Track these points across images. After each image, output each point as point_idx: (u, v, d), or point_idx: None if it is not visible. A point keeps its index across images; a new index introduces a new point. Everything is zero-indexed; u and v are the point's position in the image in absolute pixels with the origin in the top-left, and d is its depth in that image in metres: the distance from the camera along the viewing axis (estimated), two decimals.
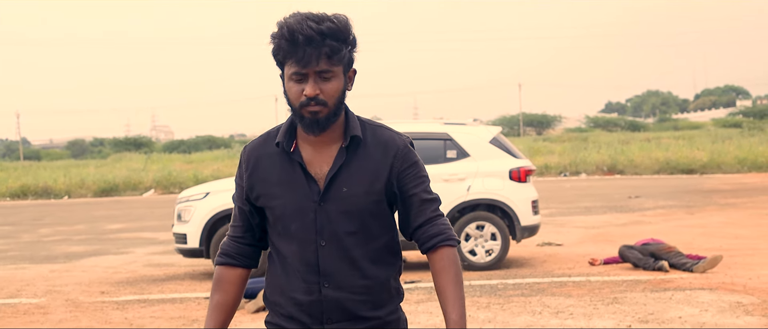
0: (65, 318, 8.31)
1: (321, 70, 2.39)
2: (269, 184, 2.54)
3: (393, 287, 2.59)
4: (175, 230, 10.80)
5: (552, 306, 7.92)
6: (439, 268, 2.50)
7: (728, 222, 15.29)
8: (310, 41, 2.35)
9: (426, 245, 2.53)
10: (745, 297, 7.98)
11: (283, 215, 2.52)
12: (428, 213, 2.54)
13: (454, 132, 10.78)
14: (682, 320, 7.09)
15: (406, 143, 2.57)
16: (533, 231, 10.86)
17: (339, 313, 2.51)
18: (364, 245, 2.52)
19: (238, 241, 2.65)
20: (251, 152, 2.61)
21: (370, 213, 2.51)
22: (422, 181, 2.56)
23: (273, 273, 2.59)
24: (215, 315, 2.61)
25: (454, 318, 2.43)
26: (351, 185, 2.49)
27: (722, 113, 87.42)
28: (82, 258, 13.60)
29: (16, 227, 20.71)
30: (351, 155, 2.51)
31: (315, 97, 2.40)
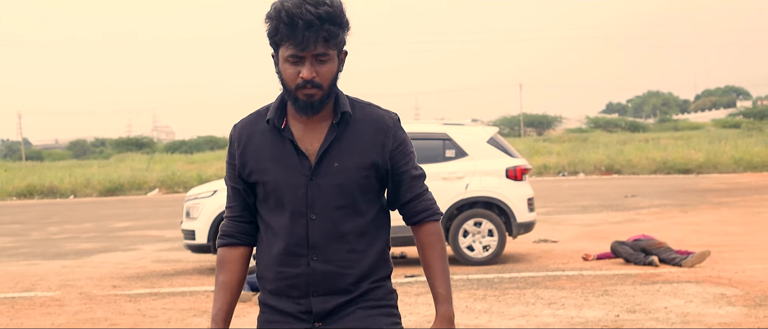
0: (81, 310, 8.67)
1: (318, 53, 2.45)
2: (261, 160, 2.59)
3: (380, 259, 2.64)
4: (183, 227, 11.16)
5: (545, 297, 8.29)
6: (426, 243, 2.62)
7: (720, 220, 15.64)
8: (309, 25, 2.39)
9: (413, 219, 2.64)
10: (729, 290, 8.35)
11: (275, 190, 2.57)
12: (416, 189, 2.65)
13: (452, 132, 11.14)
14: (667, 310, 7.45)
15: (395, 120, 2.64)
16: (529, 228, 11.22)
17: (325, 285, 2.56)
18: (353, 219, 2.57)
19: (236, 220, 2.69)
20: (242, 129, 2.65)
21: (360, 188, 2.57)
22: (411, 158, 2.65)
23: (262, 250, 2.64)
24: (222, 294, 2.66)
25: (442, 292, 2.57)
26: (342, 160, 2.55)
27: (722, 114, 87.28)
28: (91, 254, 13.97)
29: (24, 225, 21.08)
30: (341, 131, 2.57)
31: (311, 79, 2.46)
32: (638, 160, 34.17)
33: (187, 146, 65.28)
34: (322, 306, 2.56)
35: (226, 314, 2.65)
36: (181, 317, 8.07)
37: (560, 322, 7.13)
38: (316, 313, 2.56)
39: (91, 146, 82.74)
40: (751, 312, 7.26)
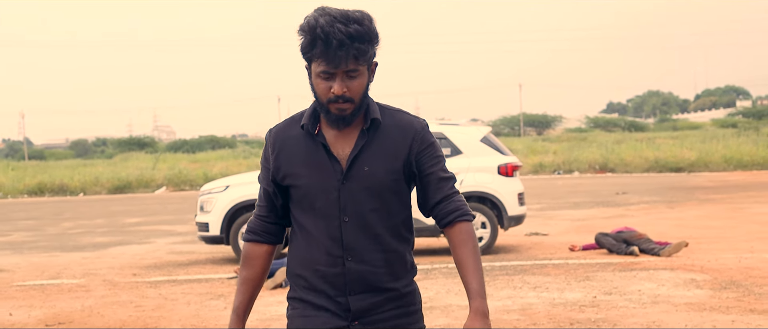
0: (106, 294, 9.40)
1: (348, 70, 2.53)
2: (295, 164, 2.67)
3: (408, 260, 2.73)
4: (198, 220, 11.88)
5: (531, 282, 9.03)
6: (457, 242, 2.65)
7: (704, 215, 16.36)
8: (341, 45, 2.46)
9: (444, 221, 2.68)
10: (700, 275, 9.08)
11: (308, 193, 2.65)
12: (445, 190, 2.69)
13: (448, 131, 11.87)
14: (640, 292, 8.19)
15: (423, 125, 2.71)
16: (519, 221, 11.95)
17: (361, 285, 2.64)
18: (384, 221, 2.65)
19: (263, 220, 2.80)
20: (277, 134, 2.73)
21: (390, 191, 2.66)
22: (439, 161, 2.71)
23: (297, 248, 2.72)
24: (244, 288, 2.79)
25: (475, 287, 2.58)
26: (372, 165, 2.63)
27: (722, 114, 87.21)
28: (108, 247, 14.69)
29: (39, 221, 21.79)
30: (371, 136, 2.64)
31: (342, 94, 2.54)
32: (632, 159, 34.90)
33: (189, 146, 65.51)
34: (359, 304, 2.65)
35: (247, 306, 2.80)
36: (200, 300, 8.79)
37: (542, 303, 7.87)
38: (353, 311, 2.65)
39: (92, 145, 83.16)
40: (715, 294, 7.99)
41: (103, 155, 67.72)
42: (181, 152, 60.98)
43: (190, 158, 49.57)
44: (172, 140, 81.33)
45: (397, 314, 2.69)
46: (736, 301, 7.61)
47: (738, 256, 10.45)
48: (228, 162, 42.85)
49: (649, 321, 6.85)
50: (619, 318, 7.05)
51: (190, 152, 60.16)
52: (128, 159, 52.71)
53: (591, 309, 7.49)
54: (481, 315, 2.54)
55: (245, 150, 53.51)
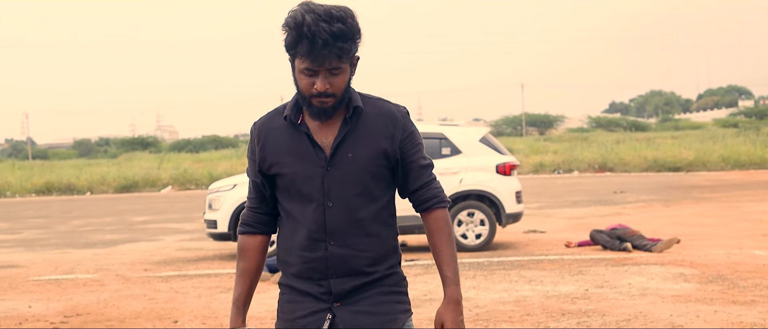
0: (120, 288, 9.77)
1: (331, 67, 2.59)
2: (280, 154, 2.73)
3: (391, 245, 2.79)
4: (206, 217, 12.25)
5: (527, 276, 9.39)
6: (434, 228, 2.77)
7: (698, 213, 16.71)
8: (326, 44, 2.52)
9: (422, 206, 2.79)
10: (688, 270, 9.45)
11: (294, 181, 2.71)
12: (424, 178, 2.79)
13: (448, 132, 12.24)
14: (630, 285, 8.56)
15: (404, 113, 2.78)
16: (517, 218, 12.31)
17: (343, 268, 2.70)
18: (367, 206, 2.71)
19: (255, 211, 2.86)
20: (261, 126, 2.80)
21: (372, 176, 2.72)
22: (419, 148, 2.79)
23: (284, 236, 2.80)
24: (242, 280, 2.85)
25: (449, 275, 2.73)
26: (355, 151, 2.69)
27: (724, 114, 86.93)
28: (118, 244, 15.07)
29: (49, 219, 22.18)
30: (354, 124, 2.71)
31: (324, 91, 2.61)
32: (631, 158, 35.25)
33: (192, 146, 65.72)
34: (341, 287, 2.71)
35: (246, 298, 2.86)
36: (210, 293, 9.17)
37: (536, 295, 8.24)
38: (335, 294, 2.71)
39: (95, 145, 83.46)
40: (702, 287, 8.36)
41: (106, 154, 67.96)
42: (185, 151, 61.18)
43: (194, 158, 49.84)
44: (176, 140, 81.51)
45: (378, 294, 2.74)
46: (721, 293, 7.98)
47: (727, 252, 10.81)
48: (231, 161, 43.18)
49: (636, 312, 7.21)
50: (608, 309, 7.42)
51: (193, 151, 60.34)
52: (132, 159, 53.04)
53: (582, 300, 7.86)
54: (454, 302, 2.71)
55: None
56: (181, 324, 7.57)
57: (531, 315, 7.27)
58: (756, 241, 11.95)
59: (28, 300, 9.11)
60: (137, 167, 42.74)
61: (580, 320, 7.01)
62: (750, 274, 9.01)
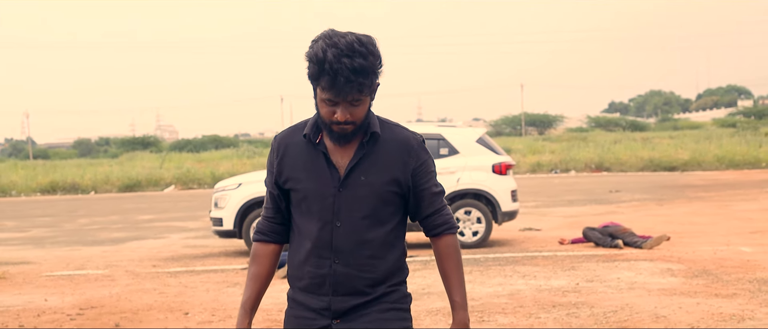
0: (130, 283, 10.15)
1: (352, 99, 2.65)
2: (296, 169, 2.81)
3: (396, 266, 2.85)
4: (212, 215, 12.62)
5: (521, 271, 9.78)
6: (444, 254, 2.86)
7: (690, 212, 17.08)
8: (347, 81, 2.58)
9: (433, 232, 2.87)
10: (675, 265, 9.84)
11: (306, 197, 2.79)
12: (436, 205, 2.87)
13: (445, 133, 12.62)
14: (619, 279, 8.94)
15: (419, 141, 2.84)
16: (513, 216, 12.69)
17: (345, 287, 2.77)
18: (374, 229, 2.78)
19: (270, 221, 2.94)
20: (282, 140, 2.87)
21: (383, 201, 2.78)
22: (432, 176, 2.87)
23: (294, 249, 2.88)
24: (252, 284, 2.92)
25: (458, 300, 2.82)
26: (369, 175, 2.76)
27: (724, 113, 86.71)
28: (125, 241, 15.45)
29: (55, 218, 22.54)
30: (370, 148, 2.77)
31: (345, 120, 2.68)
32: (627, 158, 35.63)
33: (192, 145, 65.52)
34: (341, 304, 2.78)
35: (254, 302, 2.93)
36: (218, 288, 9.55)
37: (529, 289, 8.62)
38: (334, 311, 2.78)
39: (95, 145, 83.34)
40: (687, 281, 8.74)
41: (106, 154, 67.84)
42: (185, 151, 61.22)
43: (195, 158, 49.88)
44: (176, 140, 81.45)
45: (377, 311, 2.80)
46: (705, 287, 8.36)
47: (714, 249, 11.19)
48: (232, 161, 43.47)
49: (623, 304, 7.60)
50: (596, 301, 7.80)
51: (193, 151, 60.28)
52: (134, 158, 53.17)
53: (573, 293, 8.24)
54: (463, 325, 2.82)
55: (249, 150, 53.79)
56: (192, 316, 7.95)
57: (523, 307, 7.66)
58: (743, 238, 12.32)
59: (43, 294, 9.49)
60: (139, 166, 42.99)
61: (570, 311, 7.39)
62: (734, 269, 9.39)
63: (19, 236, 17.66)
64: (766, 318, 6.89)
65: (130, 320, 7.87)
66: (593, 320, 7.04)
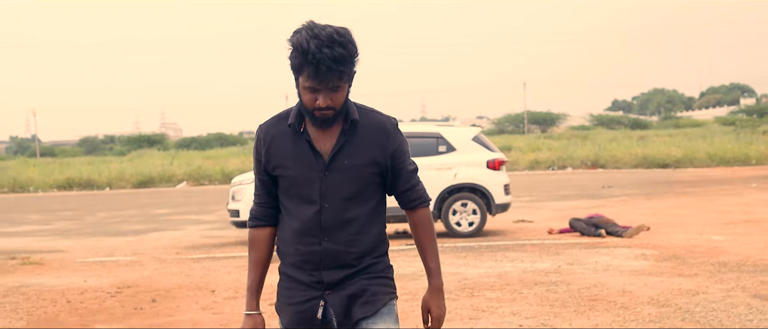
0: (158, 268, 11.16)
1: (332, 86, 2.84)
2: (283, 157, 2.98)
3: (378, 239, 3.07)
4: (229, 207, 13.63)
5: (510, 256, 10.78)
6: (418, 224, 3.11)
7: (675, 206, 18.05)
8: (329, 69, 2.77)
9: (408, 206, 3.11)
10: (649, 251, 10.83)
11: (294, 183, 2.98)
12: (411, 181, 3.10)
13: (444, 132, 13.63)
14: (596, 263, 9.94)
15: (394, 125, 3.05)
16: (505, 208, 13.69)
17: (334, 261, 2.98)
18: (358, 208, 2.98)
19: (263, 206, 3.11)
20: (267, 130, 3.05)
21: (365, 182, 2.99)
22: (407, 156, 3.08)
23: (283, 229, 3.06)
24: (254, 268, 3.12)
25: (433, 267, 3.10)
26: (351, 159, 2.96)
27: (726, 112, 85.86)
28: (146, 233, 16.47)
29: (76, 212, 23.57)
30: (350, 134, 2.96)
31: (326, 106, 2.87)
32: (622, 155, 36.62)
33: (198, 143, 66.02)
34: (331, 277, 2.99)
35: (259, 284, 3.12)
36: (238, 271, 10.54)
37: (516, 270, 9.63)
38: (326, 283, 2.99)
39: (100, 142, 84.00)
40: (656, 264, 9.74)
41: (111, 152, 68.32)
42: (190, 149, 61.70)
43: (203, 155, 50.50)
44: (182, 138, 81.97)
45: (364, 279, 3.02)
46: (671, 269, 9.36)
47: (688, 237, 12.18)
48: (240, 158, 44.32)
49: (596, 282, 8.59)
50: (573, 280, 8.80)
51: (199, 149, 60.82)
52: (143, 156, 53.94)
53: (554, 274, 9.24)
54: (437, 290, 3.09)
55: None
56: (218, 293, 8.95)
57: (509, 285, 8.66)
58: (718, 229, 13.29)
59: (82, 277, 10.50)
60: (149, 164, 43.92)
61: (549, 288, 8.39)
62: (701, 255, 10.37)
63: (45, 228, 18.68)
64: (718, 292, 7.87)
65: (163, 297, 8.88)
66: (568, 294, 8.04)
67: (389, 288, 3.06)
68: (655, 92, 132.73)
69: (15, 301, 8.86)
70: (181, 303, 8.50)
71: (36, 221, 20.57)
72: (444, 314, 3.11)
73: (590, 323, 6.79)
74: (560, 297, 7.96)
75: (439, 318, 3.09)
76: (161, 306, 8.38)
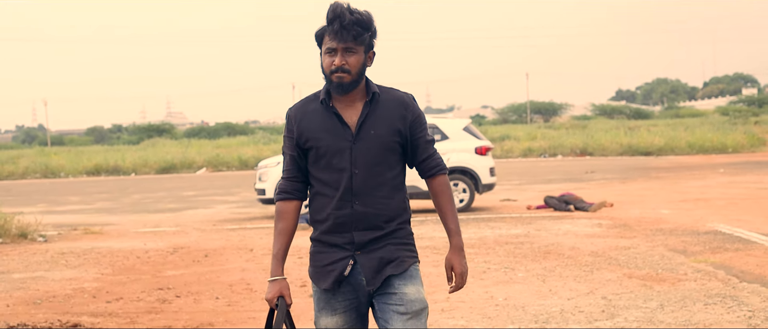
0: (200, 236, 13.27)
1: (347, 46, 3.12)
2: (314, 130, 3.22)
3: (402, 206, 3.28)
4: (256, 187, 15.76)
5: (491, 225, 12.91)
6: (438, 190, 3.32)
7: (643, 188, 20.10)
8: (347, 26, 3.11)
9: (428, 173, 3.32)
10: (605, 221, 12.94)
11: (327, 152, 3.20)
12: (429, 151, 3.32)
13: (438, 123, 15.74)
14: (559, 229, 12.06)
15: (412, 99, 3.29)
16: (491, 188, 15.80)
17: (364, 223, 3.20)
18: (384, 173, 3.21)
19: (291, 180, 3.32)
20: (297, 110, 3.31)
21: (389, 149, 3.21)
22: (425, 127, 3.30)
23: (316, 199, 3.28)
24: (280, 238, 3.32)
25: (453, 227, 3.32)
26: (376, 128, 3.19)
27: (728, 101, 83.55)
28: (181, 210, 18.56)
29: (111, 194, 25.69)
30: (373, 107, 3.22)
31: (341, 66, 3.11)
32: (609, 144, 38.68)
33: (206, 132, 66.57)
34: (362, 238, 3.20)
35: (284, 253, 3.31)
36: (269, 236, 12.63)
37: (493, 234, 11.76)
38: (356, 243, 3.20)
39: (108, 132, 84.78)
40: (606, 230, 11.85)
41: (119, 141, 68.93)
42: (199, 138, 61.79)
43: (214, 144, 51.35)
44: (191, 127, 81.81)
45: (390, 244, 3.23)
46: (616, 233, 11.47)
47: (642, 212, 14.27)
48: (257, 147, 45.54)
49: (553, 242, 10.72)
50: (536, 241, 10.93)
51: (207, 138, 61.24)
52: (156, 145, 54.85)
53: (523, 237, 11.37)
54: (458, 248, 3.32)
55: (264, 136, 55.44)
56: (255, 251, 11.08)
57: (485, 244, 10.78)
58: (671, 205, 15.36)
59: (140, 241, 12.63)
60: (165, 152, 45.49)
61: (515, 246, 10.53)
62: (646, 223, 12.48)
63: (88, 207, 20.78)
64: (644, 248, 9.98)
65: (213, 253, 11.01)
66: (529, 250, 10.17)
67: (413, 253, 3.30)
68: (659, 82, 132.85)
69: (95, 257, 11.00)
70: (228, 257, 10.64)
71: (78, 202, 22.67)
72: (467, 270, 3.35)
73: (540, 267, 8.91)
74: (523, 251, 10.09)
75: (462, 274, 3.33)
76: (213, 259, 10.52)
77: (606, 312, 6.65)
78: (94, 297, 8.20)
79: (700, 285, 7.59)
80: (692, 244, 10.17)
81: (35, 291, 8.61)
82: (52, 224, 15.43)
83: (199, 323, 6.95)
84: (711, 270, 8.33)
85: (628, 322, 6.27)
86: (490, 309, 6.94)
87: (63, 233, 13.97)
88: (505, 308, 6.96)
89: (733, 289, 7.37)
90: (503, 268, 8.99)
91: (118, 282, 9.08)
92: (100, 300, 8.04)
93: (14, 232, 13.02)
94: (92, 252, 11.48)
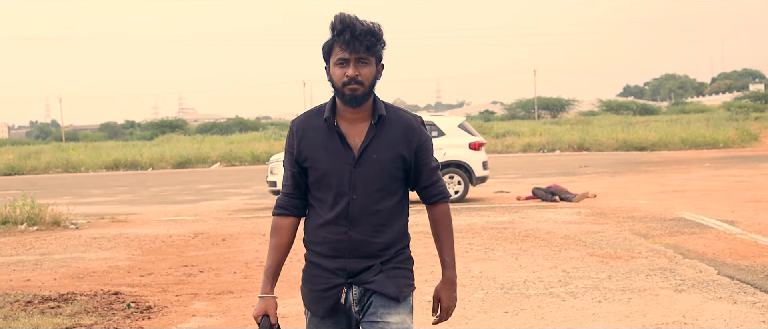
0: (218, 223, 14.43)
1: (360, 57, 2.97)
2: (315, 149, 3.08)
3: (401, 231, 3.15)
4: (268, 179, 16.92)
5: (481, 214, 14.03)
6: (437, 219, 3.21)
7: (629, 181, 21.15)
8: (358, 37, 2.96)
9: (429, 200, 3.21)
10: (584, 209, 14.04)
11: (325, 174, 3.06)
12: (433, 178, 3.19)
13: (436, 121, 16.88)
14: (540, 216, 13.18)
15: (420, 123, 3.15)
16: (484, 180, 16.92)
17: (359, 251, 3.07)
18: (384, 200, 3.07)
19: (290, 196, 3.20)
20: (300, 124, 3.14)
21: (391, 175, 3.07)
22: (430, 153, 3.18)
23: (312, 218, 3.15)
24: (273, 254, 3.20)
25: (448, 260, 3.21)
26: (379, 153, 3.04)
27: (735, 97, 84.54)
28: (197, 202, 19.70)
29: (130, 187, 26.86)
30: (379, 130, 3.06)
31: (354, 77, 2.97)
32: (605, 139, 39.68)
33: (218, 128, 66.98)
34: (355, 265, 3.08)
35: (276, 269, 3.19)
36: None
37: (481, 221, 12.88)
38: (349, 271, 3.09)
39: (121, 128, 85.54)
40: (584, 218, 12.95)
41: (133, 136, 69.25)
42: (212, 134, 62.68)
43: (226, 140, 52.06)
44: (203, 123, 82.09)
45: (386, 271, 3.10)
46: (592, 220, 12.58)
47: (621, 202, 15.36)
48: (269, 142, 46.55)
49: (534, 228, 11.84)
50: (518, 226, 12.06)
51: (219, 134, 61.93)
52: (170, 141, 55.95)
53: (507, 223, 12.49)
54: (450, 282, 3.20)
55: (275, 132, 56.18)
56: (268, 237, 12.17)
57: (472, 230, 11.91)
58: (649, 196, 16.44)
59: (163, 228, 13.80)
60: (180, 147, 46.43)
61: (499, 231, 11.66)
62: (621, 212, 13.58)
63: (111, 199, 21.95)
64: (612, 232, 11.09)
65: (230, 238, 12.17)
66: (510, 233, 11.31)
67: (408, 281, 3.16)
68: (667, 78, 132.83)
69: (124, 241, 12.18)
70: (243, 241, 11.80)
71: (100, 195, 23.83)
72: (454, 306, 3.24)
73: (516, 248, 10.05)
74: (504, 235, 11.22)
75: (448, 309, 3.22)
76: (230, 242, 11.69)
77: (561, 281, 7.79)
78: (129, 272, 9.38)
79: (648, 262, 8.72)
80: (654, 229, 11.28)
81: (77, 268, 9.80)
82: (80, 214, 16.59)
83: (221, 291, 8.11)
84: (662, 249, 9.46)
85: (578, 288, 7.41)
86: (466, 279, 8.08)
87: (91, 221, 15.15)
88: (479, 279, 8.10)
89: (675, 264, 8.50)
90: (484, 249, 10.12)
91: (148, 260, 10.25)
92: (134, 275, 9.22)
93: (48, 220, 14.24)
94: (121, 237, 12.66)
